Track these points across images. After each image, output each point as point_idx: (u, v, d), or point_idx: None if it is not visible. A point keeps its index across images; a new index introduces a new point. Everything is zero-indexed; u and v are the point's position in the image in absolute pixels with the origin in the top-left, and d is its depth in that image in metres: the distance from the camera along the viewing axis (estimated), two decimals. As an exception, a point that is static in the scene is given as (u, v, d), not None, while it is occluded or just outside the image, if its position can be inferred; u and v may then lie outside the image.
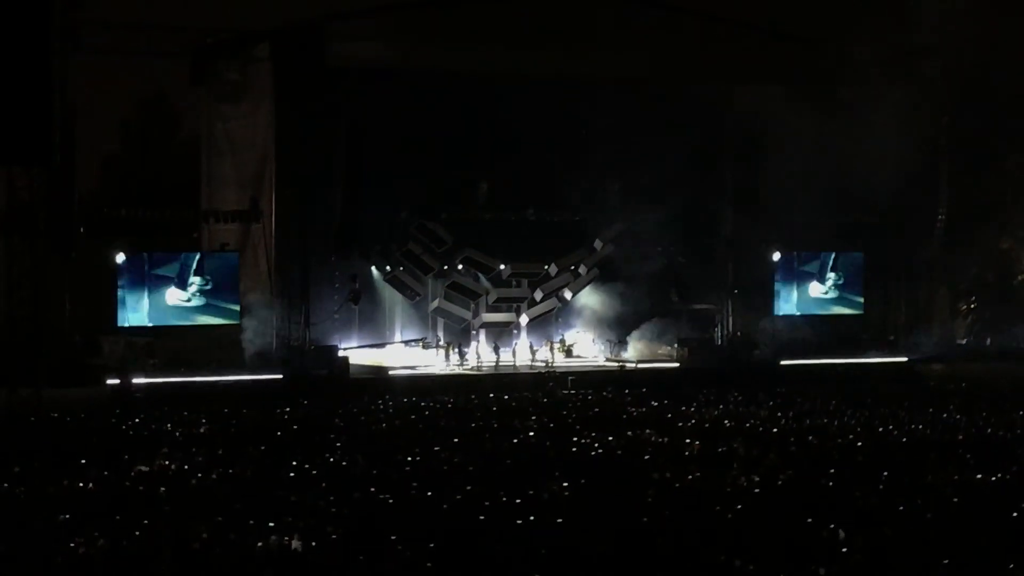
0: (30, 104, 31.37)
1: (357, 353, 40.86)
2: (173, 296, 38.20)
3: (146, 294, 37.93)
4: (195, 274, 38.45)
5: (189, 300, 38.35)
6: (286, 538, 16.69)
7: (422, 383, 38.23)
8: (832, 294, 45.21)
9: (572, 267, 44.25)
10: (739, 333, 44.36)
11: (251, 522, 17.58)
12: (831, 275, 45.19)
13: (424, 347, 42.55)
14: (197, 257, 38.77)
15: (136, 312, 37.76)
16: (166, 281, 38.13)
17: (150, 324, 38.13)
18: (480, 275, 43.48)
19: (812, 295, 44.93)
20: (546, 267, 43.93)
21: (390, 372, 39.58)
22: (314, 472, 22.30)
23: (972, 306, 46.62)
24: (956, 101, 43.66)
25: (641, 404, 32.99)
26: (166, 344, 38.03)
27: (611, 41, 40.86)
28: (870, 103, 41.15)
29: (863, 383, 38.19)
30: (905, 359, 43.24)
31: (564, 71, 41.34)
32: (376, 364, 40.74)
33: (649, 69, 41.77)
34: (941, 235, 45.23)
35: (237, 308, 38.80)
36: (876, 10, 39.97)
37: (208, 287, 38.51)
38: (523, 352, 42.85)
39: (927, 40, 42.78)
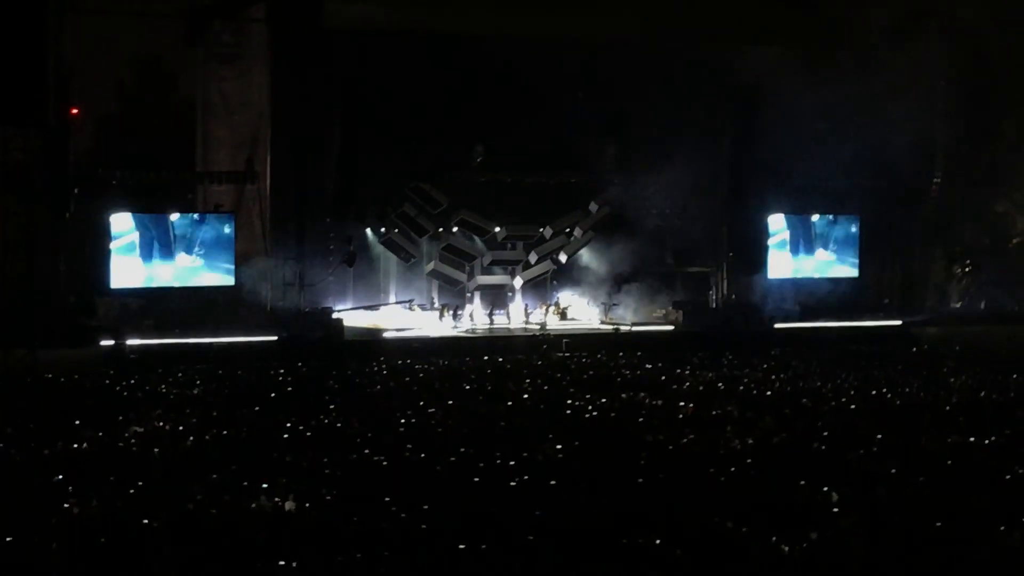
0: (24, 64, 31.30)
1: (351, 315, 40.85)
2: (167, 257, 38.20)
3: (141, 255, 37.92)
4: (191, 235, 38.44)
5: (182, 262, 38.35)
6: (279, 499, 16.72)
7: (416, 345, 38.25)
8: (827, 258, 45.22)
9: (567, 230, 44.23)
10: (734, 296, 44.40)
11: (245, 483, 17.61)
12: (827, 239, 45.19)
13: (410, 309, 42.56)
14: (193, 218, 38.75)
15: (130, 273, 37.75)
16: (162, 242, 38.11)
17: (145, 286, 38.12)
18: (475, 237, 43.48)
19: (807, 258, 44.93)
20: (541, 229, 43.92)
21: (384, 334, 39.59)
22: (308, 434, 22.33)
23: (967, 269, 46.60)
24: (955, 65, 43.53)
25: (635, 367, 33.02)
26: (161, 305, 38.03)
27: (609, 2, 40.67)
28: (869, 67, 41.10)
29: (857, 346, 38.27)
30: (899, 322, 43.32)
31: (561, 33, 41.16)
32: (371, 326, 40.73)
33: (647, 30, 41.58)
34: (936, 199, 45.20)
35: (232, 269, 38.78)
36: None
37: (202, 249, 38.49)
38: (517, 315, 42.91)
39: (927, 3, 42.67)
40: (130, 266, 37.88)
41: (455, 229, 43.10)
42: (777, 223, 44.73)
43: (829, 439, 21.41)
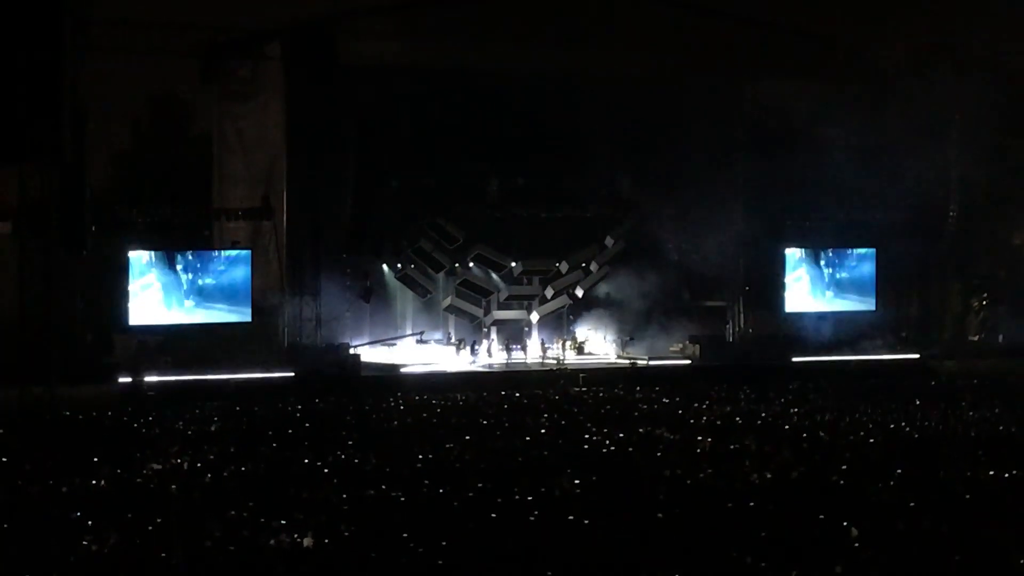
0: (42, 102, 31.40)
1: (368, 350, 40.88)
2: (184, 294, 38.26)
3: (159, 292, 37.99)
4: (208, 272, 38.51)
5: (199, 299, 38.42)
6: (298, 535, 16.69)
7: (433, 380, 38.25)
8: (844, 291, 45.14)
9: (583, 264, 44.25)
10: (751, 330, 44.32)
11: (263, 519, 17.59)
12: (844, 272, 45.12)
13: (421, 341, 42.57)
14: (209, 254, 38.81)
15: (147, 310, 37.83)
16: (179, 279, 38.19)
17: (162, 323, 38.19)
18: (491, 272, 43.50)
19: (824, 292, 44.84)
20: (557, 264, 43.95)
21: (401, 369, 39.58)
22: (326, 470, 22.30)
23: (984, 302, 46.49)
24: (969, 99, 43.47)
25: (653, 401, 32.95)
26: (178, 342, 38.06)
27: (625, 38, 40.70)
28: (885, 101, 41.09)
29: (875, 380, 38.15)
30: (917, 356, 43.19)
31: (576, 68, 41.19)
32: (388, 362, 40.73)
33: (663, 66, 41.61)
34: (953, 232, 45.11)
35: (248, 305, 38.81)
36: (891, 9, 39.97)
37: (218, 286, 38.55)
38: (534, 349, 42.89)
39: (941, 39, 42.67)
40: (147, 303, 37.93)
41: (471, 264, 43.15)
42: (794, 257, 44.64)
43: (847, 473, 21.33)
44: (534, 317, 43.85)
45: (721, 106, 42.98)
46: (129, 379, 35.20)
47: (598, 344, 44.01)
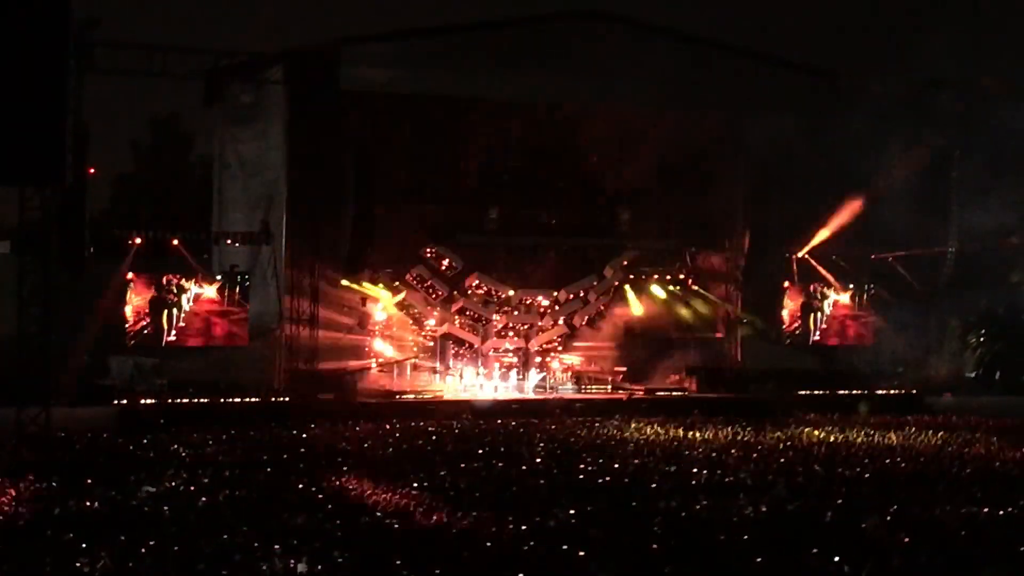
0: (43, 124, 31.39)
1: (363, 376, 40.88)
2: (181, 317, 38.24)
3: (153, 315, 37.97)
4: (204, 296, 38.52)
5: (198, 321, 38.41)
6: (292, 561, 16.64)
7: (429, 407, 38.22)
8: (843, 325, 45.21)
9: (581, 293, 44.29)
10: (748, 362, 44.34)
11: (257, 544, 17.54)
12: (842, 306, 45.19)
13: (415, 367, 42.57)
14: (207, 278, 38.81)
15: (144, 333, 37.81)
16: (174, 303, 38.18)
17: (158, 346, 38.18)
18: (489, 300, 43.53)
19: (822, 325, 44.90)
20: (555, 293, 43.98)
21: (397, 396, 39.57)
22: (320, 496, 22.25)
23: (981, 339, 46.54)
24: (966, 133, 43.57)
25: (648, 432, 32.91)
26: (174, 365, 38.04)
27: (621, 69, 40.78)
28: (881, 135, 41.17)
29: (871, 414, 38.14)
30: (914, 391, 43.18)
31: (575, 98, 41.29)
32: (383, 388, 40.72)
33: (660, 98, 41.68)
34: (951, 268, 45.16)
35: (246, 329, 38.82)
36: (887, 44, 40.08)
37: (216, 310, 38.56)
38: (531, 378, 42.87)
39: (937, 73, 42.78)
40: (144, 326, 37.90)
41: (469, 292, 43.18)
42: (791, 290, 44.72)
43: (842, 507, 21.29)
44: (531, 345, 43.85)
45: (720, 138, 43.09)
46: (124, 401, 35.20)
47: (594, 374, 43.99)
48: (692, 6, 44.64)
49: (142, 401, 35.59)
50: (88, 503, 21.10)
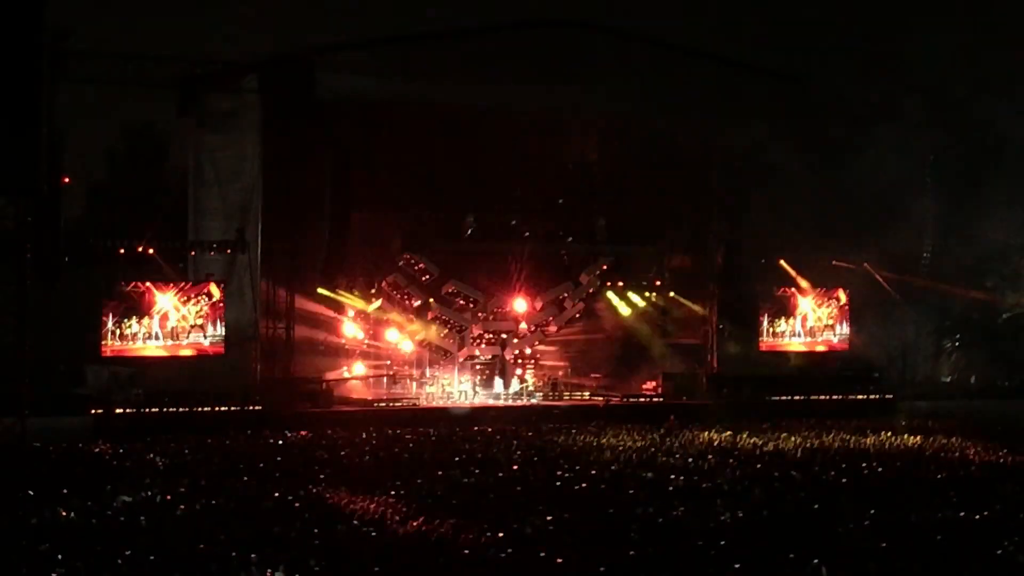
0: (17, 133, 31.32)
1: (340, 384, 40.84)
2: (158, 326, 38.09)
3: (128, 324, 37.81)
4: (180, 304, 38.39)
5: (174, 330, 38.28)
6: (269, 570, 16.62)
7: (406, 415, 38.18)
8: (818, 331, 45.29)
9: (558, 300, 44.30)
10: (724, 368, 44.36)
11: (234, 553, 17.50)
12: (817, 312, 45.28)
13: (390, 374, 42.51)
14: (183, 287, 38.68)
15: (120, 342, 37.67)
16: (150, 312, 38.04)
17: (134, 355, 38.03)
18: (465, 307, 43.50)
19: (798, 331, 44.98)
20: (531, 300, 43.97)
21: (374, 404, 39.53)
22: (297, 504, 22.22)
23: (956, 344, 46.67)
24: (941, 140, 43.72)
25: (625, 439, 32.92)
26: (150, 374, 37.91)
27: (599, 77, 40.82)
28: (858, 141, 41.27)
29: (847, 419, 38.20)
30: (890, 396, 43.25)
31: (551, 106, 41.32)
32: (360, 396, 40.68)
33: (637, 105, 41.72)
34: (926, 272, 45.29)
35: (221, 338, 38.70)
36: (864, 51, 40.19)
37: (193, 318, 38.45)
38: (507, 385, 42.84)
39: (913, 80, 42.89)
40: (120, 335, 37.75)
41: (445, 299, 43.15)
42: (768, 295, 44.80)
43: (819, 512, 21.33)
44: (508, 353, 43.82)
45: (697, 147, 43.12)
46: (100, 411, 35.09)
47: (571, 381, 43.99)
48: (670, 15, 44.51)
49: (118, 410, 35.47)
50: (64, 513, 21.02)
